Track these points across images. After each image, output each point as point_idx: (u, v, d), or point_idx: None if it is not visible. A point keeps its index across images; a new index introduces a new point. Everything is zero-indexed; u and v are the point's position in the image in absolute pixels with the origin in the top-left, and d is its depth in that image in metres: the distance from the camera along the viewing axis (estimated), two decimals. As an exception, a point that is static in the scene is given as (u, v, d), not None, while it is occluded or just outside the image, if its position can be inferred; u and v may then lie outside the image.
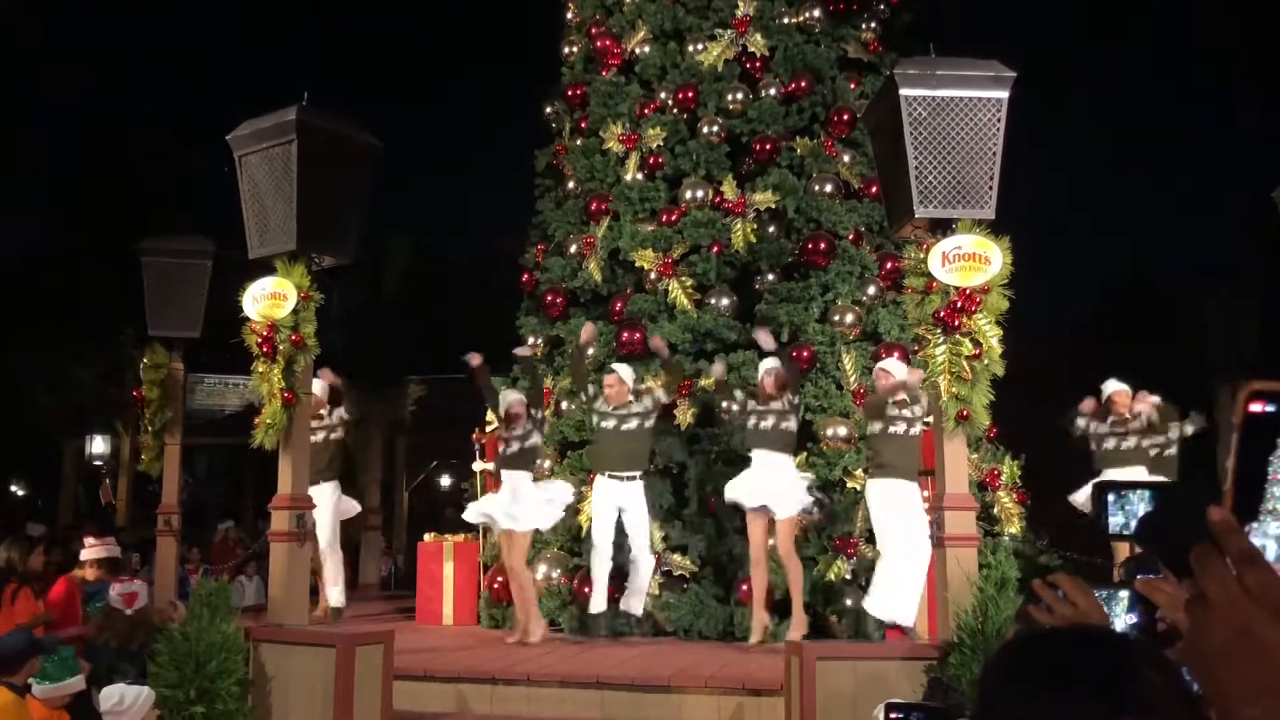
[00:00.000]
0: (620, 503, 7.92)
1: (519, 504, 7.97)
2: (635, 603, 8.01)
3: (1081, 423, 8.73)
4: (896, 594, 7.20)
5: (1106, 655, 1.00)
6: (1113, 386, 8.75)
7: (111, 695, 5.10)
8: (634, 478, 7.95)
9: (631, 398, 8.04)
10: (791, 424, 7.69)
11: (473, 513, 8.41)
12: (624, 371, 8.17)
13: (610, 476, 7.96)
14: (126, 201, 18.85)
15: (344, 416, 9.18)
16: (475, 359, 8.45)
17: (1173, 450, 8.52)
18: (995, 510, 8.68)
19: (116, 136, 20.81)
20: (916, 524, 7.09)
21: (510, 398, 8.37)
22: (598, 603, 7.98)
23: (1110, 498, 1.87)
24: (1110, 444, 8.52)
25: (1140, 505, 1.93)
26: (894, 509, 7.21)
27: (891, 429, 7.30)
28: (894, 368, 7.52)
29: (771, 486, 7.51)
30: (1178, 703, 0.96)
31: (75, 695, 5.41)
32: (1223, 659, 0.87)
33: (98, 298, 17.28)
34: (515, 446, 8.10)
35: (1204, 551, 0.90)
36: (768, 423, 7.62)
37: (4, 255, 20.07)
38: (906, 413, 7.31)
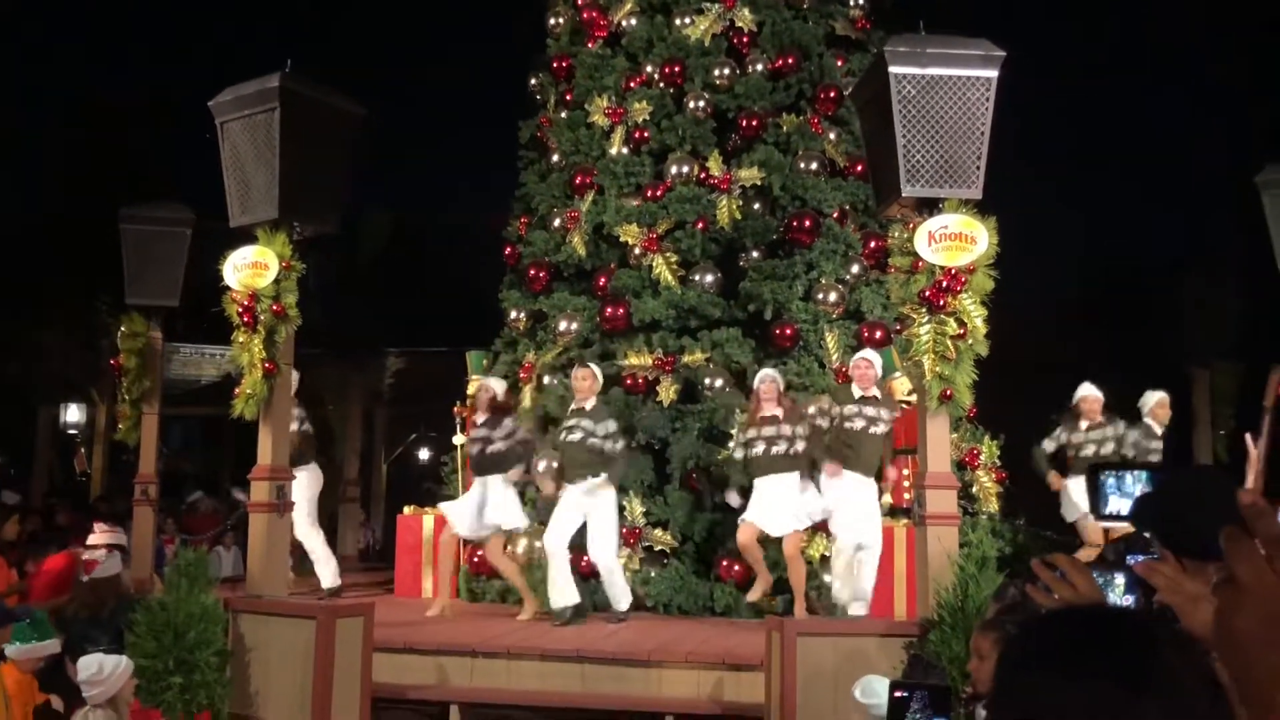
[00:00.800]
0: (583, 510, 7.58)
1: (483, 516, 7.76)
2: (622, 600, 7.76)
3: (1049, 445, 8.48)
4: (855, 585, 7.26)
5: (1127, 636, 0.99)
6: (1084, 391, 8.61)
7: (90, 665, 5.06)
8: (596, 486, 7.53)
9: (589, 402, 7.69)
10: (799, 446, 7.32)
11: (445, 510, 8.15)
12: (596, 370, 7.95)
13: (569, 483, 7.63)
14: (107, 166, 18.61)
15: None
16: None
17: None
18: (975, 489, 8.73)
19: (97, 100, 20.52)
20: (871, 520, 7.23)
21: (495, 386, 8.21)
22: (568, 595, 7.59)
23: (1108, 481, 1.87)
24: (1090, 451, 8.40)
25: (1137, 488, 1.93)
26: (847, 501, 7.23)
27: (848, 424, 7.29)
28: (875, 360, 7.50)
29: (775, 516, 7.26)
30: (1199, 683, 0.95)
31: (50, 666, 5.38)
32: (1253, 642, 0.86)
33: (74, 263, 17.08)
34: (499, 445, 7.82)
35: (1234, 534, 0.90)
36: (764, 448, 7.28)
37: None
38: (870, 411, 7.30)
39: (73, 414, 21.45)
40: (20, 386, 19.26)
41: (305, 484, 8.54)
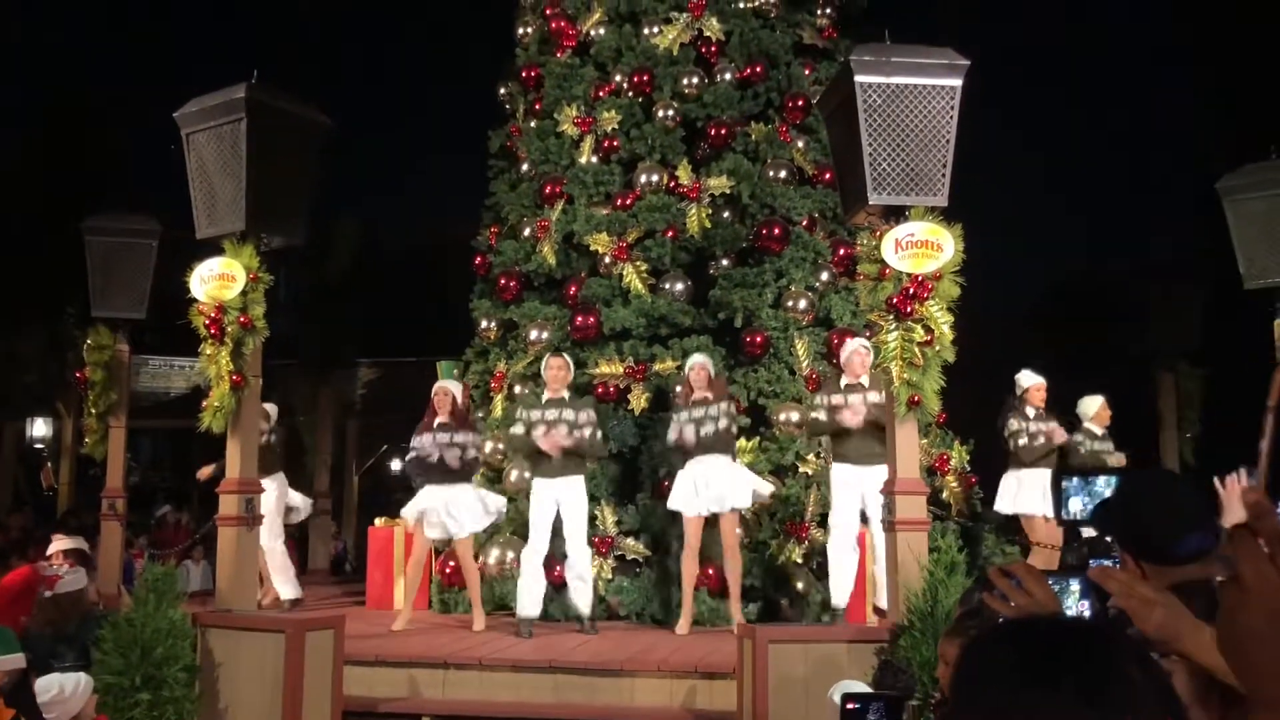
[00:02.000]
0: (558, 501, 7.59)
1: (455, 514, 7.79)
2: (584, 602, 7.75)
3: (1014, 423, 8.53)
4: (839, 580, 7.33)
5: (1083, 647, 0.98)
6: (1029, 379, 8.66)
7: (50, 686, 4.99)
8: (572, 477, 7.59)
9: (567, 394, 7.75)
10: (726, 425, 7.42)
11: (410, 509, 8.07)
12: (568, 359, 8.02)
13: (545, 478, 7.61)
14: (70, 175, 18.41)
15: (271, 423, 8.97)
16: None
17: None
18: (944, 495, 8.79)
19: (61, 107, 20.32)
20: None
21: (452, 388, 8.17)
22: (533, 604, 7.62)
23: (1073, 484, 1.88)
24: (1041, 442, 8.46)
25: (1106, 492, 1.94)
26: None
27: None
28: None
29: (711, 491, 7.35)
30: (1156, 695, 0.95)
31: (17, 686, 5.30)
32: (1258, 640, 0.87)
33: (40, 273, 16.88)
34: (470, 452, 7.90)
35: (1239, 533, 0.91)
36: (694, 428, 7.36)
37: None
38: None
39: (39, 428, 21.18)
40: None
41: (270, 495, 8.48)
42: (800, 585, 8.13)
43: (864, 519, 7.30)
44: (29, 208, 17.91)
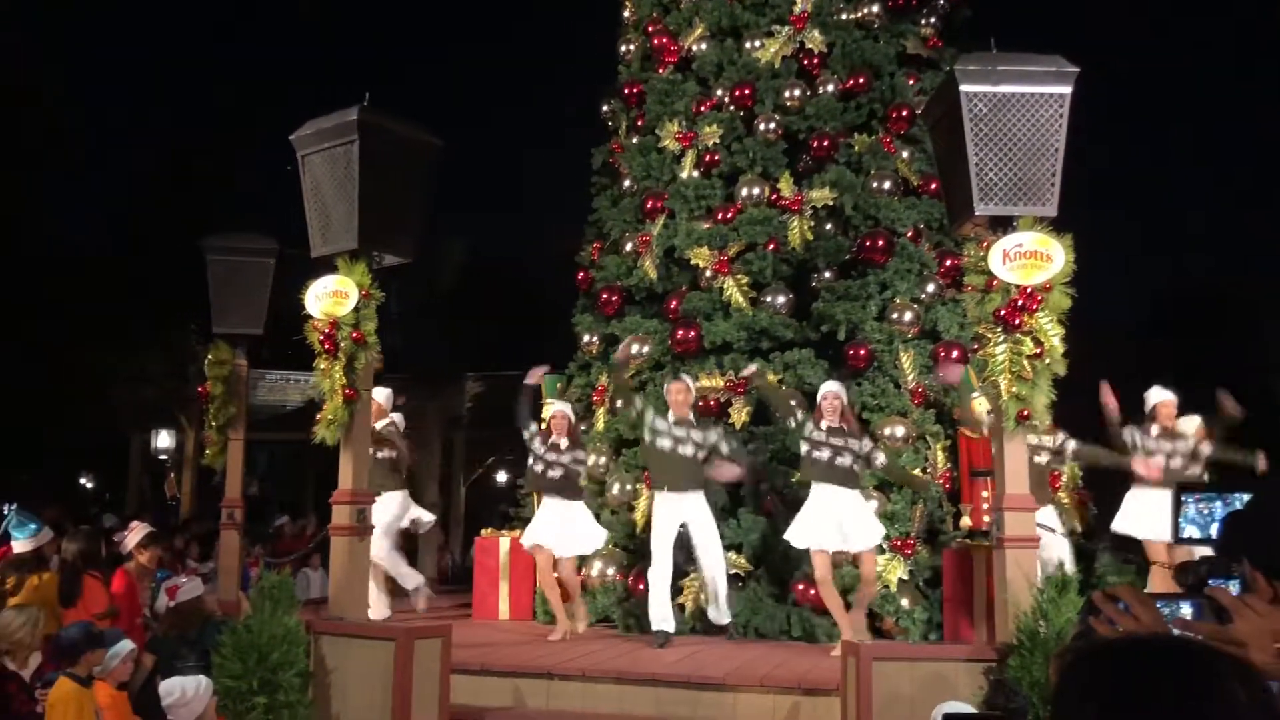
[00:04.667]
0: (684, 517, 7.71)
1: (570, 531, 8.00)
2: (718, 612, 7.88)
3: (1127, 436, 8.25)
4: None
5: (1189, 671, 0.96)
6: (1158, 395, 8.35)
7: (173, 689, 5.20)
8: (695, 492, 7.73)
9: (690, 414, 7.85)
10: (850, 462, 7.24)
11: (528, 539, 8.24)
12: (690, 382, 8.07)
13: (670, 491, 7.73)
14: (194, 198, 19.22)
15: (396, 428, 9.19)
16: (536, 375, 8.40)
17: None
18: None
19: (183, 134, 21.27)
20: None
21: (566, 409, 8.32)
22: (664, 616, 7.73)
23: (1191, 504, 1.80)
24: (1160, 461, 8.10)
25: (1220, 512, 1.86)
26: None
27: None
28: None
29: (844, 527, 7.18)
30: (1261, 718, 0.92)
31: (141, 689, 5.54)
32: None
33: (164, 293, 17.64)
34: (559, 471, 8.03)
35: None
36: (828, 455, 7.23)
37: (78, 249, 20.59)
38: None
39: (163, 440, 22.10)
40: (119, 414, 19.91)
41: (387, 513, 8.66)
42: (905, 602, 8.00)
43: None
44: (154, 231, 18.76)
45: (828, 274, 9.38)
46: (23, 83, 17.86)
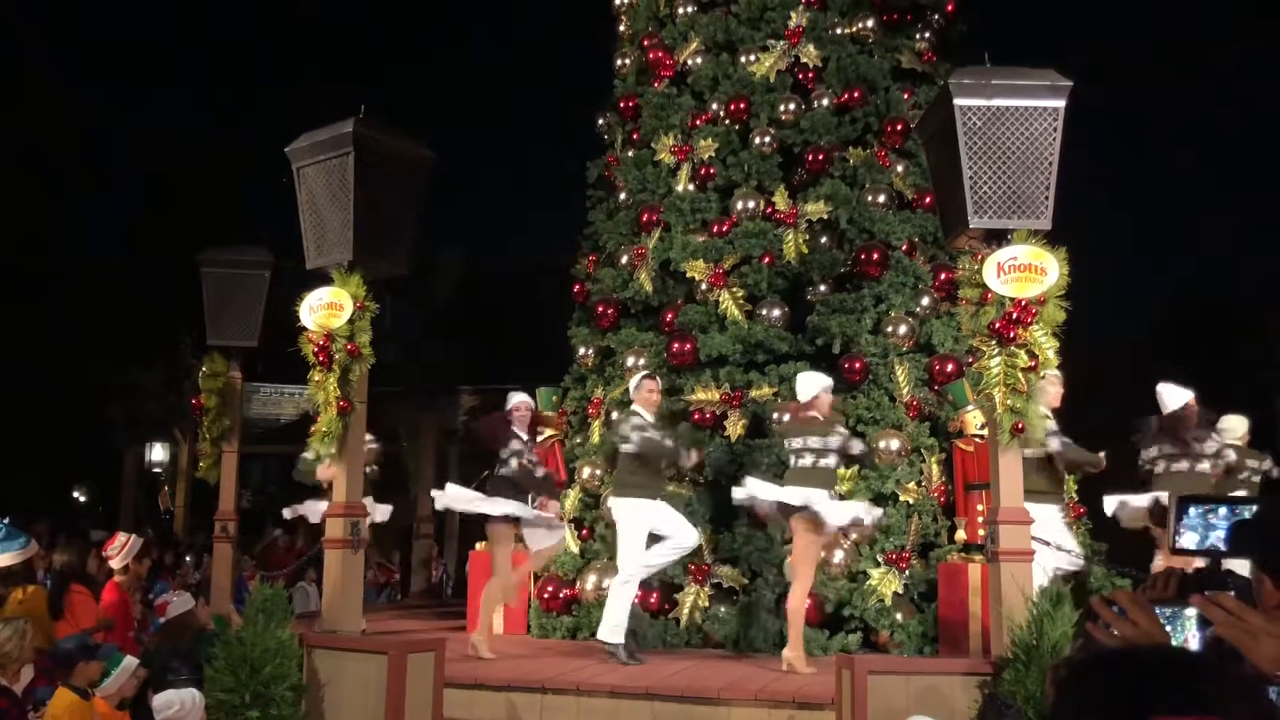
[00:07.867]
0: (652, 525, 7.57)
1: (545, 526, 7.98)
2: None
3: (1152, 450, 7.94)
4: None
5: (1186, 681, 0.95)
6: (1181, 394, 8.04)
7: (171, 702, 5.17)
8: (658, 498, 7.61)
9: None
10: (830, 461, 7.18)
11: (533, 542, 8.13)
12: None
13: (644, 498, 7.57)
14: (187, 210, 19.23)
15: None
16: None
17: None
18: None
19: (179, 148, 21.30)
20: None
21: (522, 398, 8.20)
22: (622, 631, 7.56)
23: (1191, 512, 1.79)
24: (1183, 465, 7.99)
25: (1224, 523, 1.85)
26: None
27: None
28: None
29: (810, 496, 7.07)
30: None
31: (135, 702, 5.51)
32: None
33: (159, 306, 17.63)
34: (541, 471, 8.01)
35: None
36: (810, 461, 7.13)
37: (75, 264, 20.60)
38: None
39: (157, 452, 22.04)
40: (111, 426, 19.87)
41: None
42: (900, 616, 7.99)
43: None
44: (150, 247, 18.77)
45: (823, 287, 9.39)
46: (25, 107, 17.90)
